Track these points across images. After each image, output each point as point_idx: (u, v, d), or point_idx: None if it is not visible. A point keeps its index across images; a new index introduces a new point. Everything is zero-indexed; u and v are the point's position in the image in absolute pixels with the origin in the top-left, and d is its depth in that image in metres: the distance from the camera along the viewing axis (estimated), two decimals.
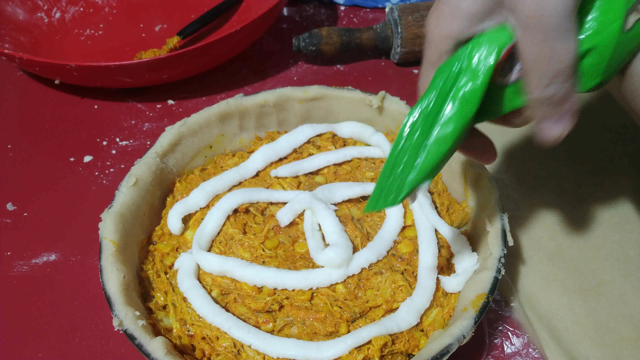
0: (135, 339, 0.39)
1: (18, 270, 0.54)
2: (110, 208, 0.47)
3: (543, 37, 0.30)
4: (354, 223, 0.48)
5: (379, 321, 0.42)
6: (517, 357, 0.46)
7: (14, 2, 0.79)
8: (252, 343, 0.41)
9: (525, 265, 0.51)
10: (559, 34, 0.30)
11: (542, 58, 0.30)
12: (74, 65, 0.63)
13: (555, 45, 0.30)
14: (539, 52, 0.30)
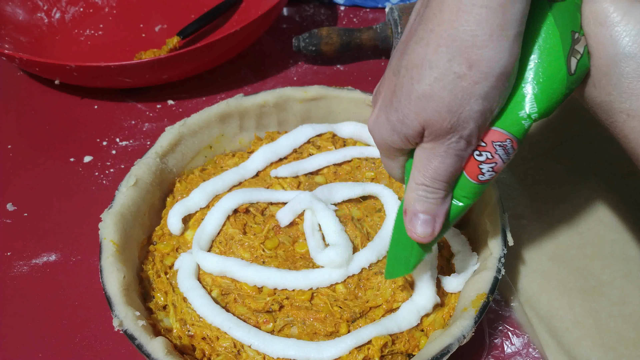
0: (136, 339, 0.39)
1: (18, 271, 0.54)
2: (110, 208, 0.47)
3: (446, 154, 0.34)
4: (354, 223, 0.48)
5: (379, 321, 0.42)
6: (517, 357, 0.46)
7: (14, 3, 0.79)
8: (252, 343, 0.41)
9: (525, 265, 0.51)
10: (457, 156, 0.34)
11: (435, 168, 0.34)
12: (74, 66, 0.63)
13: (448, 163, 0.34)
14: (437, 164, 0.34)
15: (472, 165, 0.35)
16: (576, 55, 0.33)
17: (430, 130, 0.33)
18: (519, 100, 0.34)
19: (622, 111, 0.34)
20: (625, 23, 0.32)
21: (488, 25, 0.30)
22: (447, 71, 0.31)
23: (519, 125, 0.34)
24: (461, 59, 0.30)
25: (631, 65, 0.32)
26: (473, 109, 0.31)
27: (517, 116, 0.34)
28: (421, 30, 0.32)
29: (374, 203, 0.51)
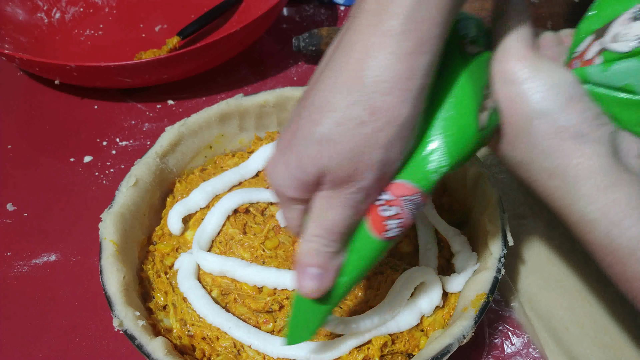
0: (136, 340, 0.39)
1: (18, 271, 0.54)
2: (110, 208, 0.47)
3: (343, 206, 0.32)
4: None
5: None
6: (517, 357, 0.46)
7: (14, 3, 0.79)
8: (252, 343, 0.41)
9: (525, 265, 0.51)
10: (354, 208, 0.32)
11: (329, 220, 0.32)
12: (73, 66, 0.63)
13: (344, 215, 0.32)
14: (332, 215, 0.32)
15: (377, 221, 0.33)
16: (487, 110, 0.33)
17: (329, 178, 0.30)
18: (429, 153, 0.33)
19: (543, 170, 0.33)
20: (535, 79, 0.32)
21: (394, 72, 0.28)
22: (349, 116, 0.29)
23: (428, 179, 0.33)
24: (365, 104, 0.28)
25: (546, 122, 0.32)
26: (373, 157, 0.30)
27: (427, 170, 0.33)
28: (328, 71, 0.30)
29: None
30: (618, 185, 0.31)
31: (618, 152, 0.33)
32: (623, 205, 0.31)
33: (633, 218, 0.31)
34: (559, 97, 0.32)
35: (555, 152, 0.32)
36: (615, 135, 0.33)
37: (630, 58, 0.32)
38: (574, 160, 0.32)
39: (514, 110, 0.33)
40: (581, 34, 0.35)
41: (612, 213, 0.31)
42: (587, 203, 0.32)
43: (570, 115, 0.32)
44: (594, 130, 0.32)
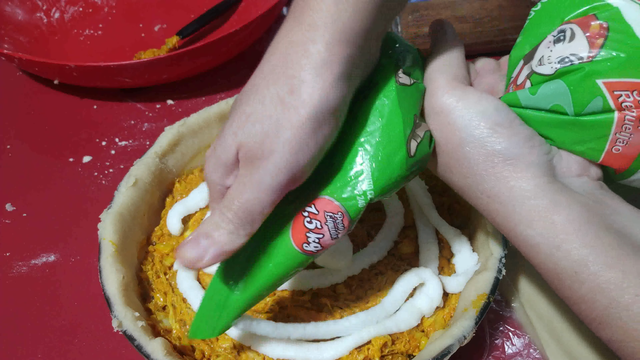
0: (135, 340, 0.39)
1: (17, 271, 0.54)
2: (109, 208, 0.47)
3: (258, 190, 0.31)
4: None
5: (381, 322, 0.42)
6: (517, 357, 0.46)
7: (13, 2, 0.79)
8: (252, 344, 0.41)
9: (526, 265, 0.51)
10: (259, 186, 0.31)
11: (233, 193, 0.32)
12: (73, 66, 0.63)
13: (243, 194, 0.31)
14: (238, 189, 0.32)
15: (299, 230, 0.34)
16: (416, 139, 0.34)
17: (242, 153, 0.31)
18: (357, 176, 0.34)
19: (483, 193, 0.34)
20: (461, 108, 0.33)
21: (314, 58, 0.30)
22: (270, 94, 0.30)
23: (354, 200, 0.34)
24: (285, 84, 0.30)
25: (476, 148, 0.33)
26: (287, 136, 0.30)
27: (353, 191, 0.34)
28: (260, 65, 0.32)
29: (374, 203, 0.50)
30: (557, 208, 0.31)
31: (555, 173, 0.33)
32: (564, 228, 0.31)
33: (573, 241, 0.30)
34: (486, 123, 0.33)
35: (488, 177, 0.33)
36: (552, 156, 0.33)
37: (555, 79, 0.32)
38: (507, 183, 0.33)
39: (445, 139, 0.34)
40: (513, 60, 0.36)
41: (552, 236, 0.31)
42: (526, 227, 0.32)
43: (498, 139, 0.32)
44: (525, 153, 0.32)
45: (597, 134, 0.32)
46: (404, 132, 0.33)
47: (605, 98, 0.31)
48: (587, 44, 0.31)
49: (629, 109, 0.31)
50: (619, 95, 0.31)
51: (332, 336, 0.41)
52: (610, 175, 0.35)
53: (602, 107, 0.31)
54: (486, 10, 0.69)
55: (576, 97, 0.32)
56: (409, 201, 0.50)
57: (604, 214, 0.32)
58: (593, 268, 0.30)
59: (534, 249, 0.32)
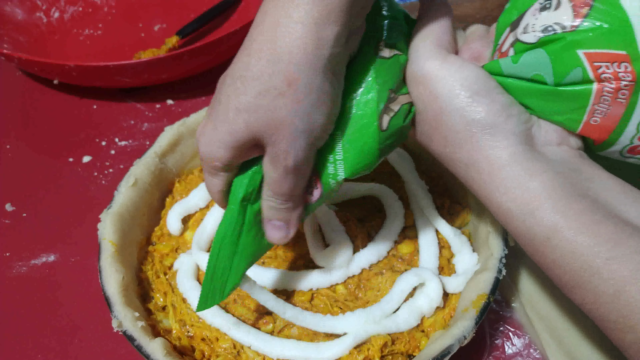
0: (135, 340, 0.39)
1: (17, 271, 0.54)
2: (109, 208, 0.47)
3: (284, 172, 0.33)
4: (354, 223, 0.48)
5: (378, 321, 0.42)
6: (518, 357, 0.46)
7: (12, 2, 0.79)
8: (251, 344, 0.41)
9: (526, 265, 0.51)
10: (294, 173, 0.33)
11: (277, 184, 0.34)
12: (72, 65, 0.63)
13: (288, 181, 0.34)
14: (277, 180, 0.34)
15: None
16: (389, 113, 0.34)
17: (266, 141, 0.32)
18: (330, 142, 0.35)
19: (460, 161, 0.34)
20: (442, 76, 0.33)
21: (303, 42, 0.30)
22: (269, 86, 0.30)
23: (325, 166, 0.35)
24: (280, 75, 0.30)
25: (455, 117, 0.33)
26: (299, 127, 0.31)
27: (325, 157, 0.35)
28: (248, 40, 0.32)
29: (374, 203, 0.51)
30: (531, 175, 0.32)
31: (534, 142, 0.33)
32: (536, 195, 0.31)
33: (546, 208, 0.31)
34: (465, 92, 0.33)
35: (466, 145, 0.33)
36: (530, 125, 0.34)
37: (537, 49, 0.32)
38: (484, 152, 0.33)
39: (425, 107, 0.34)
40: (500, 26, 0.36)
41: (526, 203, 0.32)
42: (501, 194, 0.33)
43: (477, 108, 0.33)
44: (503, 122, 0.33)
45: (576, 105, 0.32)
46: (377, 106, 0.34)
47: (585, 69, 0.31)
48: (572, 13, 0.31)
49: (608, 81, 0.31)
50: (598, 66, 0.31)
51: (327, 330, 0.41)
52: (590, 146, 0.35)
53: (581, 78, 0.31)
54: (487, 9, 0.69)
55: (557, 67, 0.32)
56: (409, 201, 0.50)
57: (579, 181, 0.32)
58: (565, 233, 0.30)
59: (508, 215, 0.33)
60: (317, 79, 0.31)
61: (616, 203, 0.31)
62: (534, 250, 0.32)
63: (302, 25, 0.29)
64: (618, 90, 0.31)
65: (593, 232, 0.30)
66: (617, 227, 0.30)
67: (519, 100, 0.34)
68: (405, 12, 0.38)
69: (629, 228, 0.30)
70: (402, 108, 0.35)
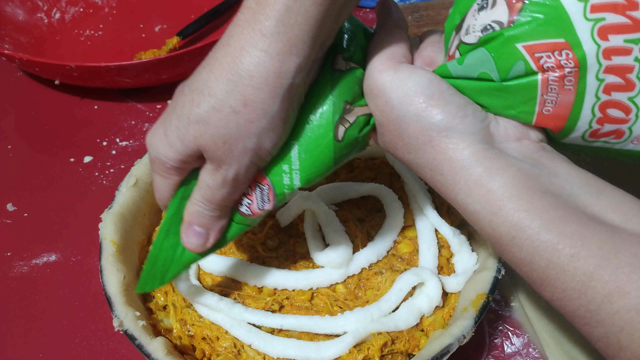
0: (136, 340, 0.39)
1: (18, 271, 0.54)
2: (110, 208, 0.47)
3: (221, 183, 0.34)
4: (354, 223, 0.48)
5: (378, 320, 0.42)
6: (517, 356, 0.47)
7: (13, 3, 0.79)
8: (252, 343, 0.41)
9: None
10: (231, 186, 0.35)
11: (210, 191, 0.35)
12: (73, 66, 0.63)
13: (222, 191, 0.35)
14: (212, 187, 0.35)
15: None
16: (345, 124, 0.35)
17: (208, 155, 0.33)
18: (286, 155, 0.35)
19: (425, 166, 0.35)
20: (395, 86, 0.34)
21: (265, 69, 0.30)
22: (224, 103, 0.31)
23: (279, 176, 0.36)
24: (238, 94, 0.31)
25: (412, 124, 0.34)
26: (247, 145, 0.32)
27: (280, 168, 0.35)
28: (211, 58, 0.33)
29: (374, 203, 0.51)
30: (493, 174, 0.32)
31: (494, 139, 0.34)
32: (500, 194, 0.31)
33: (509, 207, 0.31)
34: (419, 98, 0.33)
35: (428, 150, 0.34)
36: (487, 122, 0.34)
37: (479, 48, 0.33)
38: (445, 155, 0.33)
39: (385, 118, 0.35)
40: (447, 31, 0.36)
41: (490, 203, 0.32)
42: (466, 195, 0.33)
43: (432, 112, 0.33)
44: (459, 123, 0.33)
45: (525, 98, 0.33)
46: (332, 117, 0.35)
47: (526, 61, 0.31)
48: (507, 10, 0.31)
49: (552, 70, 0.31)
50: (539, 57, 0.31)
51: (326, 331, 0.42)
52: (551, 136, 0.35)
53: (524, 71, 0.32)
54: None
55: (499, 63, 0.32)
56: (408, 201, 0.50)
57: (541, 176, 0.32)
58: (529, 232, 0.30)
59: (475, 216, 0.33)
60: (274, 105, 0.31)
61: (580, 196, 0.32)
62: (502, 250, 0.33)
63: (266, 54, 0.30)
64: (563, 78, 0.31)
65: (556, 229, 0.30)
66: (580, 222, 0.30)
67: (472, 99, 0.34)
68: (363, 26, 0.39)
69: (592, 223, 0.30)
70: (358, 120, 0.36)
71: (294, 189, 0.36)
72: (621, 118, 0.32)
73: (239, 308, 0.42)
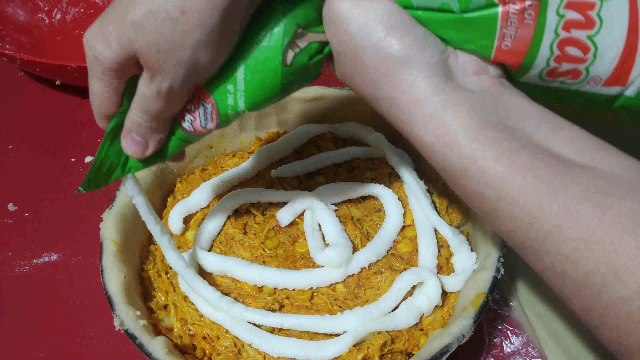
0: (136, 339, 0.39)
1: (19, 271, 0.54)
2: (111, 208, 0.47)
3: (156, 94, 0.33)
4: (353, 223, 0.48)
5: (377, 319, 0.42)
6: (516, 356, 0.47)
7: (14, 3, 0.79)
8: (252, 342, 0.41)
9: (524, 264, 0.51)
10: (166, 98, 0.34)
11: (146, 102, 0.34)
12: (74, 66, 0.63)
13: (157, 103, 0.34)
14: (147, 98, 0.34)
15: (182, 108, 0.36)
16: (295, 49, 0.34)
17: (143, 62, 0.32)
18: (232, 74, 0.34)
19: (383, 99, 0.34)
20: (355, 17, 0.33)
21: None
22: (161, 8, 0.30)
23: (224, 96, 0.35)
24: (177, 2, 0.30)
25: (371, 54, 0.33)
26: (182, 58, 0.31)
27: (226, 88, 0.35)
28: None
29: (374, 203, 0.51)
30: (448, 107, 0.32)
31: (451, 73, 0.33)
32: (454, 127, 0.31)
33: (462, 138, 0.31)
34: (379, 28, 0.32)
35: (384, 81, 0.33)
36: (446, 56, 0.34)
37: None
38: (402, 87, 0.33)
39: (343, 47, 0.34)
40: None
41: (444, 136, 0.32)
42: (420, 128, 0.33)
43: (391, 42, 0.32)
44: (418, 54, 0.32)
45: (484, 31, 0.32)
46: (282, 41, 0.34)
47: None
48: None
49: (512, 2, 0.31)
50: None
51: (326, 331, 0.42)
52: (509, 73, 0.35)
53: (485, 2, 0.31)
54: None
55: None
56: (408, 201, 0.50)
57: (497, 110, 0.32)
58: (480, 163, 0.30)
59: (429, 149, 0.33)
60: (213, 18, 0.30)
61: (536, 131, 0.32)
62: (455, 183, 0.33)
63: None
64: (523, 11, 0.31)
65: (509, 161, 0.30)
66: (534, 155, 0.30)
67: (433, 32, 0.34)
68: None
69: (545, 156, 0.30)
70: (310, 46, 0.35)
71: (238, 111, 0.36)
72: (579, 57, 0.32)
73: (239, 307, 0.42)
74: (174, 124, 0.37)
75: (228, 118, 0.36)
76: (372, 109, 0.48)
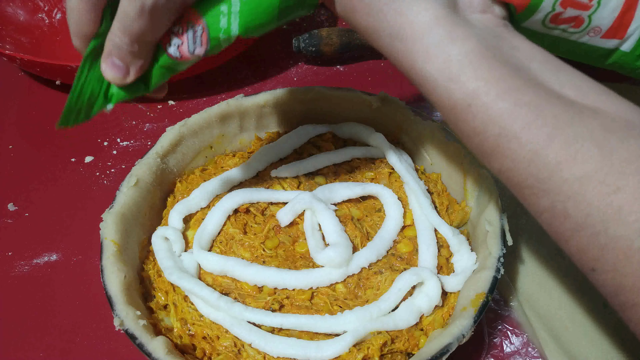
0: (136, 339, 0.39)
1: (19, 271, 0.54)
2: (111, 208, 0.47)
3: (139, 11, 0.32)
4: (353, 223, 0.48)
5: (377, 319, 0.42)
6: (516, 356, 0.47)
7: (14, 3, 0.79)
8: (252, 342, 0.41)
9: (524, 264, 0.51)
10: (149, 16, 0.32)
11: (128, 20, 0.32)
12: (75, 66, 0.63)
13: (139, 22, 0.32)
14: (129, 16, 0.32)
15: (167, 32, 0.34)
16: None
17: None
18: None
19: (384, 31, 0.33)
20: None
21: None
22: None
23: (217, 18, 0.33)
24: None
25: None
26: None
27: (219, 10, 0.33)
28: None
29: (374, 203, 0.51)
30: (454, 41, 0.31)
31: (457, 7, 0.33)
32: (459, 61, 0.31)
33: (467, 73, 0.31)
34: None
35: (390, 12, 0.32)
36: None
37: None
38: (407, 17, 0.32)
39: None
40: None
41: (448, 69, 0.31)
42: (424, 61, 0.32)
43: None
44: None
45: None
46: None
47: None
48: None
49: None
50: None
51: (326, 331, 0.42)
52: (513, 16, 0.35)
53: None
54: None
55: None
56: (408, 201, 0.50)
57: (502, 48, 0.32)
58: (485, 99, 0.30)
59: (431, 84, 0.32)
60: None
61: (539, 71, 0.31)
62: (456, 119, 0.32)
63: None
64: None
65: (513, 98, 0.30)
66: (537, 93, 0.30)
67: None
68: None
69: (549, 95, 0.30)
70: None
71: (230, 35, 0.34)
72: (584, 3, 0.32)
73: (239, 307, 0.42)
74: (158, 51, 0.35)
75: (219, 43, 0.34)
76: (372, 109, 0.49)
